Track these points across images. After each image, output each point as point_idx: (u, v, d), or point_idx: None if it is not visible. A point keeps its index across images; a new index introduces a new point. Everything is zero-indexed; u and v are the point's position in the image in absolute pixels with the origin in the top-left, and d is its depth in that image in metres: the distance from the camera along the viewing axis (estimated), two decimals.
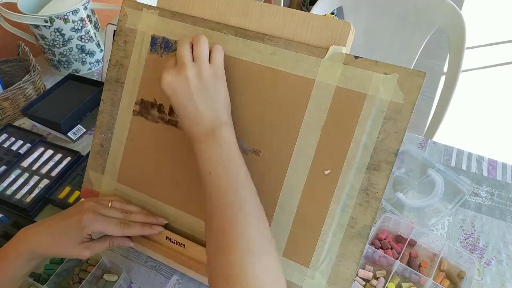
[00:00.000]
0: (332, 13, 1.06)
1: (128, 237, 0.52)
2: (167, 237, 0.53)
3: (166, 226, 0.54)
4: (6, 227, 0.62)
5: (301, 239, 0.46)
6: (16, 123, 0.86)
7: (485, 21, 2.64)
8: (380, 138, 0.42)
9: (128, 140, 0.55)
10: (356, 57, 0.43)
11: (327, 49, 0.44)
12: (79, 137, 0.81)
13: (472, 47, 2.40)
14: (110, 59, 0.55)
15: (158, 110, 0.53)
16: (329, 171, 0.45)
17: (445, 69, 1.56)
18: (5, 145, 0.76)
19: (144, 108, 0.53)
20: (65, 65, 0.99)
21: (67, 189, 0.68)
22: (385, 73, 0.42)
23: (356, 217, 0.44)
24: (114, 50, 0.55)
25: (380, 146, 0.42)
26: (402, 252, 0.57)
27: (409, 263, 0.57)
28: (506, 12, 2.75)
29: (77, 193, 0.67)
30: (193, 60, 0.45)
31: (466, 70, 2.23)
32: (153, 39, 0.52)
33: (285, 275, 0.47)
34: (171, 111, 0.52)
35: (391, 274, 0.56)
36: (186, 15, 0.51)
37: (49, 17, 0.88)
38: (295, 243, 0.47)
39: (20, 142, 0.77)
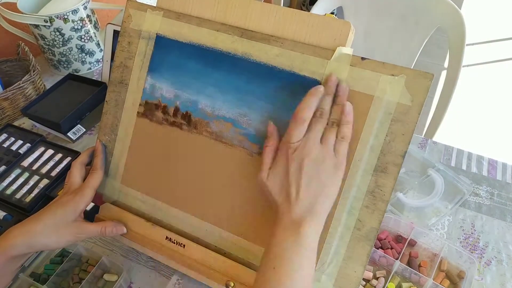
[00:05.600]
0: (332, 13, 1.06)
1: (121, 223, 0.53)
2: (167, 237, 0.53)
3: (168, 227, 0.54)
4: (10, 225, 0.62)
5: None
6: (16, 123, 0.85)
7: (484, 18, 2.64)
8: (388, 140, 0.42)
9: (132, 142, 0.55)
10: (363, 58, 0.43)
11: (333, 50, 0.44)
12: (79, 137, 0.81)
13: (472, 44, 2.40)
14: (114, 60, 0.55)
15: (162, 112, 0.53)
16: None
17: (444, 69, 1.56)
18: (5, 145, 0.76)
19: (149, 109, 0.53)
20: (65, 65, 0.98)
21: None
22: (393, 75, 0.42)
23: (363, 219, 0.44)
24: (118, 51, 0.55)
25: (387, 148, 0.42)
26: (402, 252, 0.57)
27: (409, 263, 0.57)
28: (506, 10, 2.75)
29: None
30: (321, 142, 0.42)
31: (467, 66, 2.23)
32: (158, 38, 0.52)
33: None
34: (176, 112, 0.52)
35: (391, 274, 0.56)
36: (190, 16, 0.51)
37: (48, 17, 0.88)
38: None
39: (20, 142, 0.77)
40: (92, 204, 0.63)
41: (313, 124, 0.43)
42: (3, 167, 0.72)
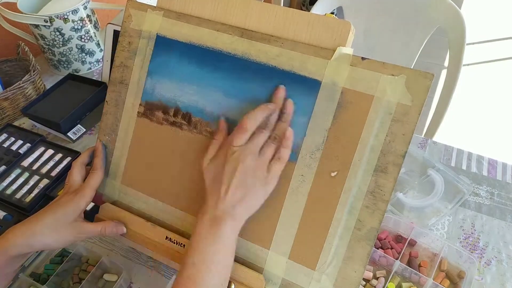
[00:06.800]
0: (332, 13, 1.06)
1: (121, 223, 0.53)
2: (167, 237, 0.53)
3: (168, 227, 0.54)
4: (10, 225, 0.62)
5: (308, 242, 0.46)
6: (16, 123, 0.86)
7: (484, 18, 2.64)
8: (388, 140, 0.42)
9: (132, 142, 0.55)
10: (363, 58, 0.43)
11: (334, 50, 0.44)
12: (79, 137, 0.81)
13: (472, 43, 2.40)
14: (114, 60, 0.55)
15: (163, 112, 0.53)
16: (335, 173, 0.45)
17: (444, 69, 1.56)
18: (5, 145, 0.76)
19: (149, 109, 0.53)
20: (65, 65, 0.98)
21: None
22: (393, 75, 0.42)
23: (363, 219, 0.44)
24: (118, 51, 0.55)
25: (387, 148, 0.42)
26: (402, 252, 0.57)
27: (409, 263, 0.58)
28: (506, 10, 2.75)
29: None
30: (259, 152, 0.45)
31: (467, 65, 2.23)
32: (158, 38, 0.52)
33: (291, 278, 0.47)
34: (176, 112, 0.52)
35: (391, 274, 0.56)
36: (191, 15, 0.51)
37: (48, 16, 0.88)
38: (301, 246, 0.47)
39: (20, 142, 0.77)
40: (92, 204, 0.63)
41: (256, 136, 0.45)
42: (3, 167, 0.72)
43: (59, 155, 0.74)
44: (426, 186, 0.69)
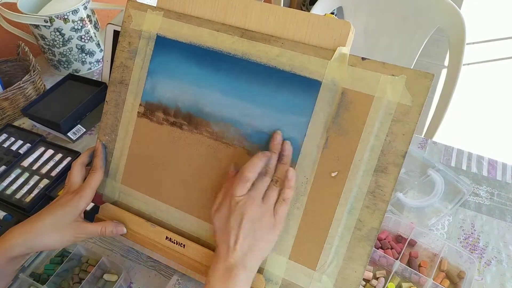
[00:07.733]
0: (332, 13, 1.06)
1: (121, 223, 0.53)
2: (167, 237, 0.53)
3: (168, 227, 0.54)
4: (10, 225, 0.62)
5: (308, 242, 0.46)
6: (16, 123, 0.85)
7: (484, 18, 2.64)
8: (388, 140, 0.42)
9: (132, 142, 0.55)
10: (363, 58, 0.43)
11: (334, 50, 0.44)
12: (79, 137, 0.81)
13: (472, 43, 2.40)
14: (114, 61, 0.55)
15: (163, 112, 0.53)
16: (336, 173, 0.45)
17: (444, 69, 1.55)
18: (5, 145, 0.76)
19: (149, 109, 0.53)
20: (65, 65, 0.98)
21: None
22: (393, 75, 0.42)
23: (363, 219, 0.44)
24: (118, 51, 0.55)
25: (387, 148, 0.42)
26: (402, 252, 0.57)
27: (409, 263, 0.58)
28: (506, 10, 2.75)
29: None
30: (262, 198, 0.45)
31: (467, 64, 2.23)
32: (158, 38, 0.52)
33: (291, 278, 0.47)
34: (176, 113, 0.52)
35: (391, 274, 0.56)
36: (191, 16, 0.51)
37: (49, 17, 0.88)
38: (301, 246, 0.47)
39: (20, 142, 0.77)
40: (92, 204, 0.63)
41: (257, 182, 0.45)
42: (3, 167, 0.72)
43: (59, 155, 0.74)
44: (426, 186, 0.69)
